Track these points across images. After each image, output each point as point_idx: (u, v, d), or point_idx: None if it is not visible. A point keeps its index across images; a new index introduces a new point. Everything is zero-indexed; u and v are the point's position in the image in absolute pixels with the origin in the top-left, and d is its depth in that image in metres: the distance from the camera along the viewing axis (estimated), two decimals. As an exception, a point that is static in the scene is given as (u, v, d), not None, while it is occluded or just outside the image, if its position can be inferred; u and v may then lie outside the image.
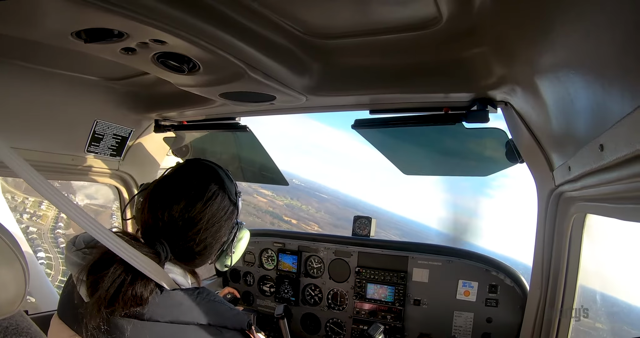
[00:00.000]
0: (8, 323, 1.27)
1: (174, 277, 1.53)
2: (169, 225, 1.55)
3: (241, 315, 1.54)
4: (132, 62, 1.91)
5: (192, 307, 1.46)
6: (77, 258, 1.51)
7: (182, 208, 1.55)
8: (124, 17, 1.41)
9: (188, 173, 1.67)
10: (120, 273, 1.38)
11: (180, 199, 1.56)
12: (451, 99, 2.22)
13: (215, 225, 1.62)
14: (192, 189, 1.58)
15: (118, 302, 1.36)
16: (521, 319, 2.81)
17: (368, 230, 3.73)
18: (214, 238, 1.65)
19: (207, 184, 1.62)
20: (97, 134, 3.03)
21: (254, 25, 1.75)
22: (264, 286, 4.09)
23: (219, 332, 1.47)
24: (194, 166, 1.71)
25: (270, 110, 2.81)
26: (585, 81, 1.18)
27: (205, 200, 1.58)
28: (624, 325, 2.28)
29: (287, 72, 2.07)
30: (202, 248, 1.62)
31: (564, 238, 2.15)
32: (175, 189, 1.59)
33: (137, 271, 1.38)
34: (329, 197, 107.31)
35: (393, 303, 3.43)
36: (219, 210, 1.62)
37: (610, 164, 1.10)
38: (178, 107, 3.05)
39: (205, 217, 1.58)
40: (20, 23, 1.52)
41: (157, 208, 1.57)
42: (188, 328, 1.43)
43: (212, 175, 1.67)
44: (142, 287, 1.38)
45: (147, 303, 1.39)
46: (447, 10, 1.53)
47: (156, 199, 1.59)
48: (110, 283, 1.36)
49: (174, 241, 1.56)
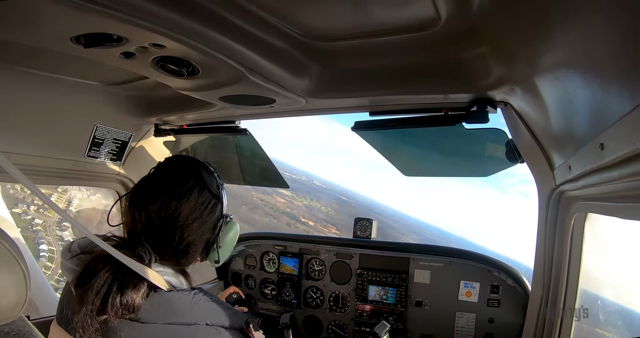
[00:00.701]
0: (10, 328, 1.26)
1: (167, 279, 1.53)
2: (147, 225, 1.54)
3: (239, 315, 1.54)
4: (132, 67, 1.91)
5: (189, 307, 1.45)
6: (72, 264, 1.51)
7: (157, 207, 1.53)
8: (123, 22, 1.41)
9: (163, 171, 1.66)
10: (104, 284, 1.37)
11: (155, 198, 1.54)
12: (451, 100, 2.22)
13: (195, 221, 1.60)
14: (165, 187, 1.56)
15: (107, 312, 1.35)
16: (523, 319, 2.80)
17: (369, 232, 3.73)
18: (197, 235, 1.63)
19: (182, 180, 1.60)
20: (97, 139, 3.03)
21: (253, 29, 1.75)
22: (265, 290, 4.08)
23: (217, 331, 1.46)
24: (170, 163, 1.70)
25: (270, 113, 2.81)
26: (585, 80, 1.18)
27: (181, 196, 1.56)
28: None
29: (286, 75, 2.07)
30: (185, 246, 1.61)
31: (565, 237, 2.15)
32: (149, 189, 1.58)
33: (123, 279, 1.38)
34: (349, 199, 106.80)
35: (395, 305, 3.42)
36: (198, 205, 1.60)
37: (611, 163, 1.10)
38: (178, 111, 3.05)
39: (183, 214, 1.56)
40: (19, 28, 1.52)
41: (135, 209, 1.56)
42: (186, 328, 1.43)
43: (187, 170, 1.65)
44: (134, 293, 1.38)
45: (139, 309, 1.39)
46: (445, 11, 1.53)
47: (133, 201, 1.58)
48: (95, 295, 1.35)
49: (155, 242, 1.55)
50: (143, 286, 1.42)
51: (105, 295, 1.36)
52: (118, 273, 1.38)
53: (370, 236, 3.72)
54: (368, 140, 2.81)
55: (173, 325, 1.42)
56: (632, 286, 2.13)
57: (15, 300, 1.21)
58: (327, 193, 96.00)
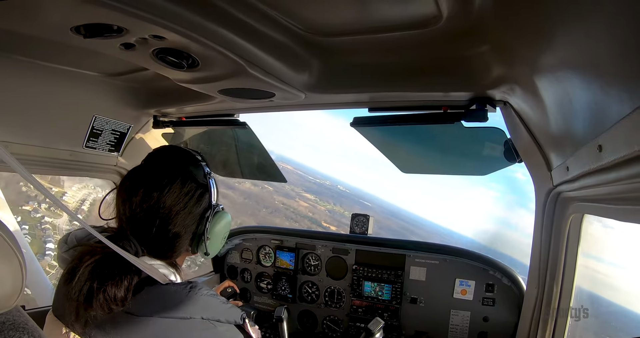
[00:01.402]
0: (5, 318, 1.26)
1: (164, 272, 1.53)
2: (131, 219, 1.54)
3: (234, 309, 1.53)
4: (131, 58, 1.90)
5: (185, 301, 1.45)
6: (68, 256, 1.51)
7: (140, 199, 1.52)
8: (124, 13, 1.41)
9: (147, 162, 1.65)
10: (85, 281, 1.37)
11: (137, 191, 1.53)
12: (450, 98, 2.22)
13: (180, 213, 1.58)
14: (149, 178, 1.55)
15: (94, 308, 1.36)
16: (518, 318, 2.82)
17: (366, 228, 3.73)
18: (182, 226, 1.60)
19: (165, 171, 1.58)
20: (95, 130, 3.02)
21: (254, 22, 1.75)
22: (261, 283, 4.09)
23: (213, 326, 1.46)
24: (157, 154, 1.69)
25: (269, 107, 2.80)
26: (585, 82, 1.18)
27: (162, 187, 1.54)
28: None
29: (286, 69, 2.07)
30: (171, 238, 1.59)
31: (562, 238, 2.15)
32: (133, 181, 1.57)
33: (103, 275, 1.37)
34: (373, 205, 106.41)
35: (390, 301, 3.43)
36: (181, 196, 1.57)
37: (609, 165, 1.10)
38: (177, 103, 3.05)
39: (166, 205, 1.54)
40: (19, 18, 1.51)
41: (119, 203, 1.56)
42: (181, 322, 1.43)
43: (172, 161, 1.64)
44: (114, 288, 1.37)
45: (125, 303, 1.39)
46: (447, 9, 1.53)
47: (119, 193, 1.58)
48: (79, 290, 1.36)
49: (141, 235, 1.54)
50: (125, 281, 1.41)
51: (89, 291, 1.36)
52: (98, 269, 1.38)
53: (366, 232, 3.72)
54: (367, 136, 2.80)
55: (169, 318, 1.42)
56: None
57: (11, 290, 1.20)
58: (350, 198, 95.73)
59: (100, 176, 3.54)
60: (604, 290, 2.38)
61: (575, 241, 2.14)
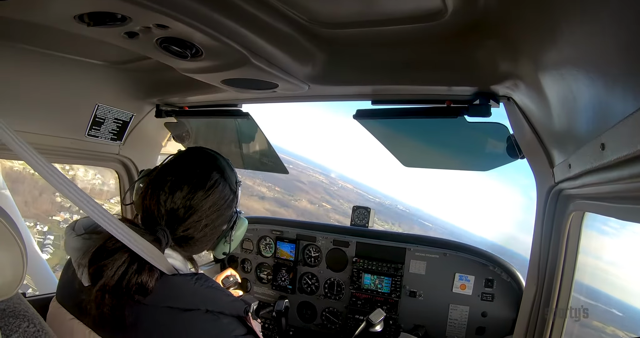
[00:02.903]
0: (5, 305, 1.27)
1: (173, 263, 1.55)
2: (171, 211, 1.58)
3: (238, 302, 1.55)
4: (135, 47, 1.90)
5: (190, 292, 1.48)
6: (77, 243, 1.53)
7: (184, 195, 1.58)
8: (128, 1, 1.40)
9: (190, 160, 1.69)
10: (124, 261, 1.41)
11: (182, 186, 1.58)
12: (454, 93, 2.21)
13: (215, 213, 1.65)
14: (194, 177, 1.61)
15: (122, 290, 1.39)
16: (516, 314, 2.82)
17: (366, 220, 3.74)
18: (214, 226, 1.68)
19: (209, 173, 1.64)
20: (98, 118, 3.02)
21: (258, 12, 1.74)
22: (261, 274, 4.11)
23: (217, 317, 1.48)
24: (197, 154, 1.74)
25: (272, 98, 2.81)
26: (589, 79, 1.18)
27: (207, 188, 1.61)
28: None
29: (290, 61, 2.06)
30: (201, 236, 1.66)
31: (562, 235, 2.15)
32: (177, 177, 1.61)
33: (143, 261, 1.41)
34: (434, 226, 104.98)
35: (389, 294, 3.44)
36: (220, 199, 1.66)
37: (611, 164, 1.10)
38: (180, 93, 3.05)
39: (207, 205, 1.61)
40: (22, 6, 1.50)
41: (159, 194, 1.59)
42: (185, 313, 1.45)
43: (214, 164, 1.70)
44: (148, 276, 1.41)
45: (151, 292, 1.42)
46: (452, 3, 1.52)
47: (158, 186, 1.61)
48: (114, 271, 1.39)
49: (175, 228, 1.59)
50: (157, 272, 1.45)
51: (123, 274, 1.39)
52: (137, 255, 1.41)
53: (367, 224, 3.73)
54: (369, 129, 2.80)
55: (173, 309, 1.45)
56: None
57: (12, 278, 1.21)
58: (410, 218, 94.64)
59: (103, 165, 3.55)
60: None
61: (576, 239, 2.14)
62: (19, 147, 1.24)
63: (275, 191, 44.78)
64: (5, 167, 14.08)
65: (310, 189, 58.55)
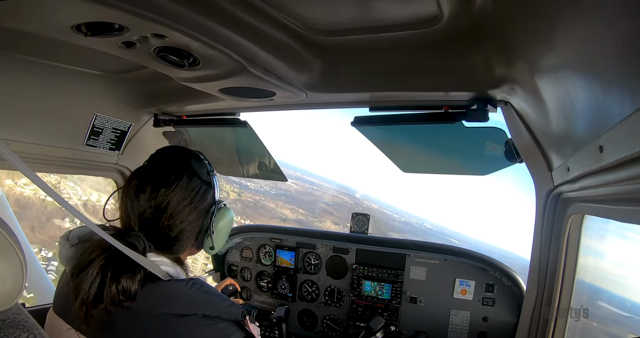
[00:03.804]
0: (5, 316, 1.27)
1: (165, 269, 1.55)
2: (140, 216, 1.57)
3: (235, 306, 1.54)
4: (132, 56, 1.90)
5: (186, 298, 1.47)
6: (70, 253, 1.53)
7: (147, 196, 1.56)
8: (125, 11, 1.41)
9: (153, 161, 1.70)
10: (98, 272, 1.40)
11: (145, 187, 1.57)
12: (451, 98, 2.22)
13: (186, 208, 1.63)
14: (155, 176, 1.60)
15: (103, 300, 1.38)
16: (517, 319, 2.82)
17: (366, 227, 3.73)
18: (188, 222, 1.65)
19: (171, 169, 1.62)
20: (96, 128, 3.02)
21: (255, 21, 1.75)
22: (261, 282, 4.09)
23: (213, 322, 1.48)
24: (160, 153, 1.73)
25: (270, 106, 2.81)
26: (586, 82, 1.18)
27: (169, 184, 1.59)
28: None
29: (287, 69, 2.07)
30: (177, 233, 1.64)
31: (562, 238, 2.15)
32: (140, 179, 1.60)
33: (117, 268, 1.40)
34: (461, 243, 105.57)
35: (390, 301, 3.43)
36: (187, 192, 1.63)
37: (609, 166, 1.10)
38: (177, 102, 3.05)
39: (173, 201, 1.59)
40: (20, 16, 1.51)
41: (127, 201, 1.60)
42: (182, 319, 1.44)
43: (176, 159, 1.68)
44: (129, 281, 1.40)
45: (136, 297, 1.41)
46: (448, 9, 1.53)
47: (125, 193, 1.61)
48: (89, 285, 1.38)
49: (148, 231, 1.58)
50: (138, 274, 1.44)
51: (100, 284, 1.38)
52: (112, 262, 1.40)
53: (367, 231, 3.72)
54: (367, 136, 2.80)
55: (170, 315, 1.44)
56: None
57: (11, 288, 1.21)
58: (437, 236, 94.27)
59: (101, 175, 3.55)
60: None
61: (575, 242, 2.14)
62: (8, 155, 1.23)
63: (298, 213, 44.55)
64: (15, 193, 14.12)
65: (335, 210, 58.36)
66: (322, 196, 51.14)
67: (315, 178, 58.32)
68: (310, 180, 54.74)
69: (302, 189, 50.58)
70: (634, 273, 2.16)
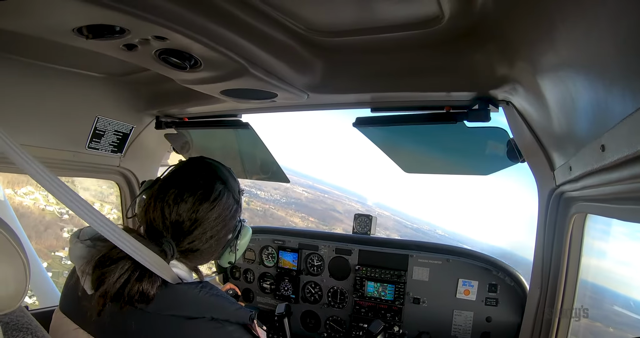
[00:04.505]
0: (8, 318, 1.27)
1: (178, 273, 1.56)
2: (176, 224, 1.58)
3: (243, 310, 1.55)
4: (134, 59, 1.91)
5: (195, 300, 1.48)
6: (81, 251, 1.52)
7: (189, 207, 1.58)
8: (126, 14, 1.41)
9: (193, 171, 1.69)
10: (128, 269, 1.41)
11: (187, 199, 1.58)
12: (453, 98, 2.22)
13: (220, 224, 1.65)
14: (198, 189, 1.60)
15: (123, 297, 1.39)
16: (521, 319, 2.81)
17: (368, 228, 3.73)
18: (219, 237, 1.68)
19: (213, 184, 1.64)
20: (98, 131, 3.03)
21: (256, 22, 1.75)
22: (264, 284, 4.09)
23: (221, 325, 1.48)
24: (199, 164, 1.73)
25: (272, 107, 2.81)
26: (587, 81, 1.18)
27: (212, 200, 1.61)
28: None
29: (288, 70, 2.07)
30: (207, 247, 1.66)
31: (565, 238, 2.15)
32: (181, 189, 1.60)
33: (145, 269, 1.41)
34: (473, 248, 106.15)
35: (393, 302, 3.43)
36: (225, 210, 1.65)
37: (612, 165, 1.10)
38: (179, 104, 3.05)
39: (212, 217, 1.61)
40: (21, 19, 1.51)
41: (163, 207, 1.59)
42: (190, 321, 1.45)
43: (216, 174, 1.70)
44: (149, 284, 1.41)
45: (152, 300, 1.42)
46: (449, 9, 1.53)
47: (162, 198, 1.61)
48: (116, 278, 1.39)
49: (180, 240, 1.59)
50: (159, 280, 1.45)
51: (125, 281, 1.39)
52: (140, 264, 1.41)
53: (369, 232, 3.72)
54: (369, 136, 2.80)
55: (178, 317, 1.45)
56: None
57: (15, 291, 1.21)
58: (449, 242, 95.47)
59: (103, 177, 3.56)
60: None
61: (578, 241, 2.13)
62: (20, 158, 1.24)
63: (309, 221, 44.36)
64: (15, 202, 14.01)
65: (346, 218, 58.32)
66: (334, 204, 51.10)
67: (326, 186, 58.39)
68: (321, 188, 54.64)
69: (313, 197, 50.43)
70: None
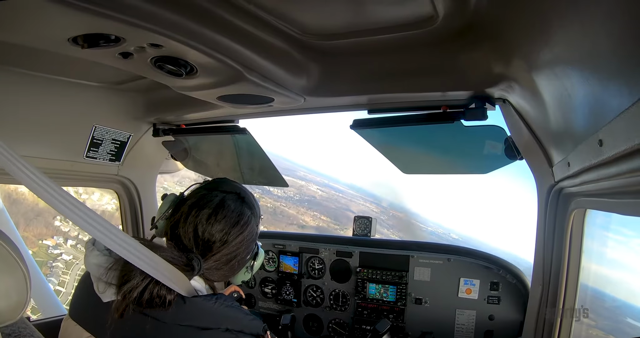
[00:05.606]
0: (10, 330, 1.27)
1: (195, 286, 1.58)
2: (207, 242, 1.65)
3: (257, 321, 1.58)
4: (130, 67, 1.91)
5: (210, 312, 1.49)
6: (98, 259, 1.51)
7: (221, 228, 1.66)
8: (121, 22, 1.41)
9: (223, 194, 1.75)
10: (146, 276, 1.40)
11: (220, 220, 1.66)
12: (449, 98, 2.22)
13: (242, 246, 1.74)
14: (230, 213, 1.69)
15: (144, 299, 1.39)
16: (523, 316, 2.81)
17: (368, 230, 3.74)
18: (240, 258, 1.76)
19: (243, 209, 1.74)
20: (95, 140, 3.03)
21: (251, 28, 1.76)
22: (265, 288, 4.08)
23: (236, 336, 1.50)
24: (228, 187, 1.82)
25: (269, 112, 2.81)
26: (583, 76, 1.19)
27: (242, 225, 1.71)
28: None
29: (284, 74, 2.08)
30: (228, 268, 1.74)
31: (565, 234, 2.15)
32: (215, 210, 1.67)
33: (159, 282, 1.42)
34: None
35: (395, 303, 3.43)
36: (249, 234, 1.75)
37: (610, 159, 1.10)
38: (176, 111, 3.05)
39: (238, 240, 1.70)
40: (16, 29, 1.52)
41: (197, 224, 1.65)
42: (205, 332, 1.46)
43: (246, 201, 1.79)
44: (166, 290, 1.42)
45: (170, 306, 1.43)
46: (443, 9, 1.54)
47: (195, 215, 1.67)
48: (142, 277, 1.39)
49: (206, 258, 1.64)
50: (174, 291, 1.46)
51: (148, 284, 1.39)
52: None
53: (369, 234, 3.72)
54: (367, 138, 2.80)
55: (194, 328, 1.46)
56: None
57: (16, 302, 1.21)
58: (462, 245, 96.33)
59: (103, 186, 3.55)
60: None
61: (579, 237, 2.14)
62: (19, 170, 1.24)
63: (320, 220, 44.03)
64: (9, 188, 13.80)
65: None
66: (348, 204, 50.89)
67: (342, 186, 58.30)
68: (336, 187, 54.49)
69: (328, 196, 50.21)
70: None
